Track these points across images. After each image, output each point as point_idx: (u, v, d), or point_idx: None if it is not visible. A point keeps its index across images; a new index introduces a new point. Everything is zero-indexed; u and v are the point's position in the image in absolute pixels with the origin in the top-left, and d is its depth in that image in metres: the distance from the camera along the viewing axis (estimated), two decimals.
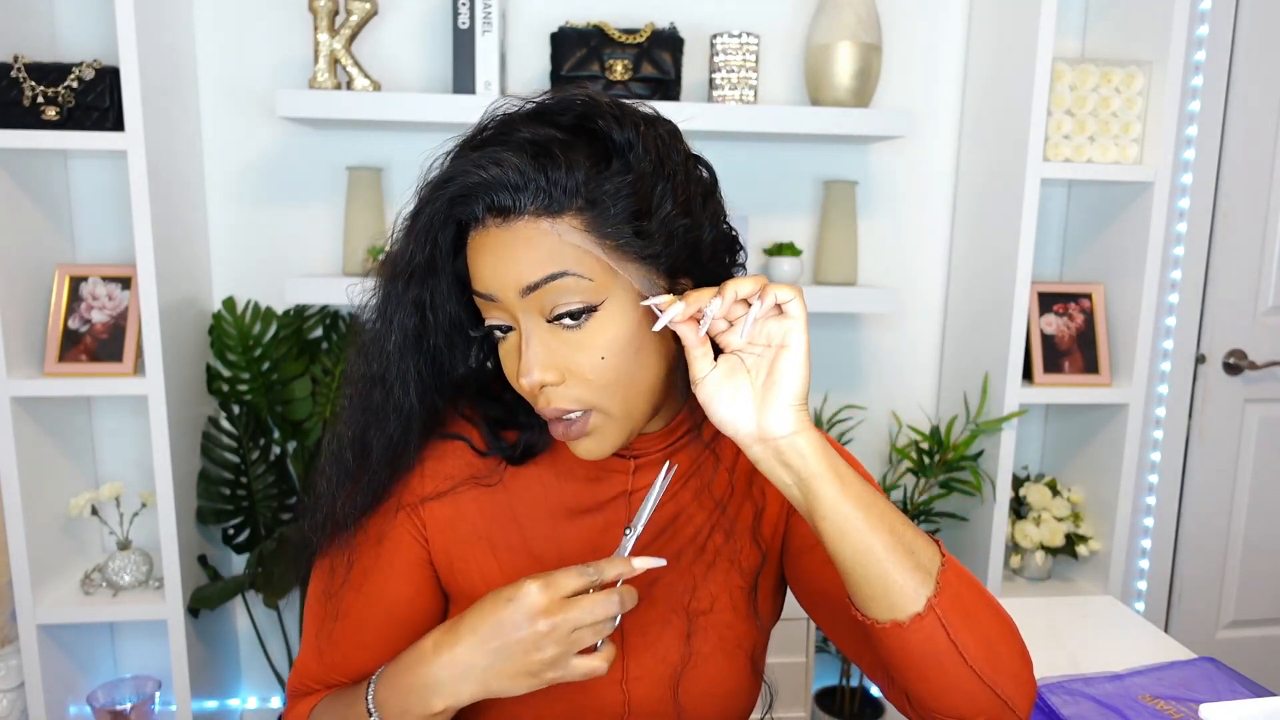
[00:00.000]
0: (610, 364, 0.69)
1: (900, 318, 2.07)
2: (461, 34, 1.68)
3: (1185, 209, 2.05)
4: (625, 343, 0.69)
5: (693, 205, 0.71)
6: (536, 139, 0.67)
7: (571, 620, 0.66)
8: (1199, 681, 1.06)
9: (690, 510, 0.83)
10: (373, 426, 0.77)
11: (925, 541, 0.67)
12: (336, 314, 1.87)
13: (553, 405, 0.70)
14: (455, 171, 0.69)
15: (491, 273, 0.68)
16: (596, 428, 0.72)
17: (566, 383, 0.70)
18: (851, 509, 0.65)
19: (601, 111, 0.69)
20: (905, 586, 0.65)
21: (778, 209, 1.98)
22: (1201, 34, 1.98)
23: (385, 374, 0.75)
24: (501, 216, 0.68)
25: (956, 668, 0.66)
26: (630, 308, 0.69)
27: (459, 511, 0.81)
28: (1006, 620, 0.70)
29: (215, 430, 1.82)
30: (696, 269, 0.72)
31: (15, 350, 1.60)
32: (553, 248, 0.67)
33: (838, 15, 1.76)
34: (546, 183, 0.66)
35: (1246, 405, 2.17)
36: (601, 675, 0.69)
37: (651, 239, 0.68)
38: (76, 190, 1.78)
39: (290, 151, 1.85)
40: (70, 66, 1.55)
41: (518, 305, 0.69)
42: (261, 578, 1.72)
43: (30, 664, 1.67)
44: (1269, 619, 2.28)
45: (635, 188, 0.68)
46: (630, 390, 0.71)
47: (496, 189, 0.67)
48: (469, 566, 0.81)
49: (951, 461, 1.87)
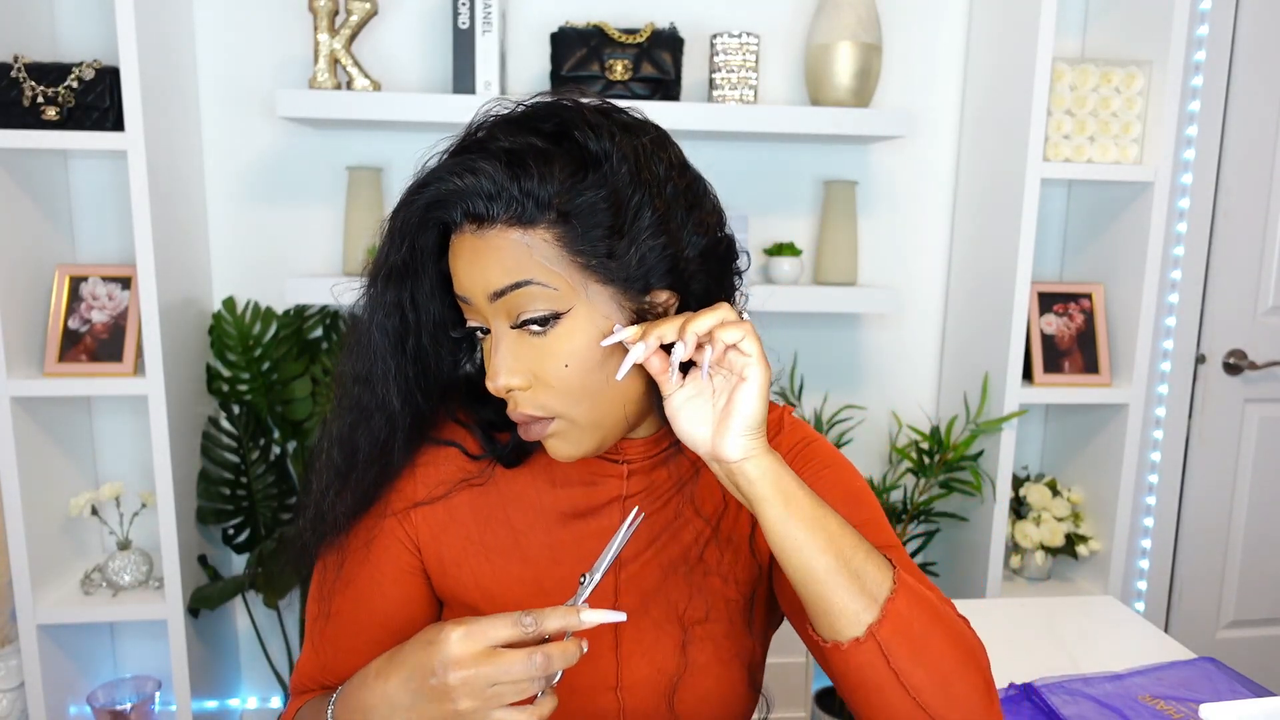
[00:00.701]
0: (574, 373, 0.69)
1: (900, 318, 2.07)
2: (461, 34, 1.68)
3: (1185, 209, 2.05)
4: (589, 353, 0.69)
5: (671, 219, 0.70)
6: (513, 148, 0.68)
7: (486, 675, 0.61)
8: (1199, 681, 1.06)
9: (685, 518, 0.83)
10: (360, 426, 0.77)
11: (877, 567, 0.67)
12: (336, 314, 1.87)
13: (519, 410, 0.71)
14: (432, 177, 0.69)
15: (466, 276, 0.70)
16: (560, 432, 0.72)
17: (533, 389, 0.70)
18: (796, 530, 0.65)
19: (581, 121, 0.69)
20: (846, 610, 0.65)
21: (778, 209, 1.98)
22: (1201, 34, 1.98)
23: (369, 374, 0.75)
24: (476, 223, 0.68)
25: (898, 696, 0.66)
26: (596, 321, 0.69)
27: (452, 515, 0.81)
28: (969, 652, 0.69)
29: (215, 430, 1.82)
30: (679, 283, 0.72)
31: (15, 350, 1.60)
32: (521, 257, 0.67)
33: (838, 15, 1.76)
34: (520, 193, 0.66)
35: (1246, 405, 2.17)
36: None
37: (624, 260, 0.68)
38: (76, 190, 1.78)
39: (290, 151, 1.85)
40: (70, 66, 1.55)
41: (488, 310, 0.70)
42: (261, 578, 1.72)
43: (30, 664, 1.67)
44: (1269, 619, 2.28)
45: (610, 201, 0.67)
46: (596, 400, 0.71)
47: (471, 197, 0.67)
48: (462, 571, 0.81)
49: (951, 461, 1.87)
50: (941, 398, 2.10)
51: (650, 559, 0.81)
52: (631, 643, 0.80)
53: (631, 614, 0.80)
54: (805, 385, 2.04)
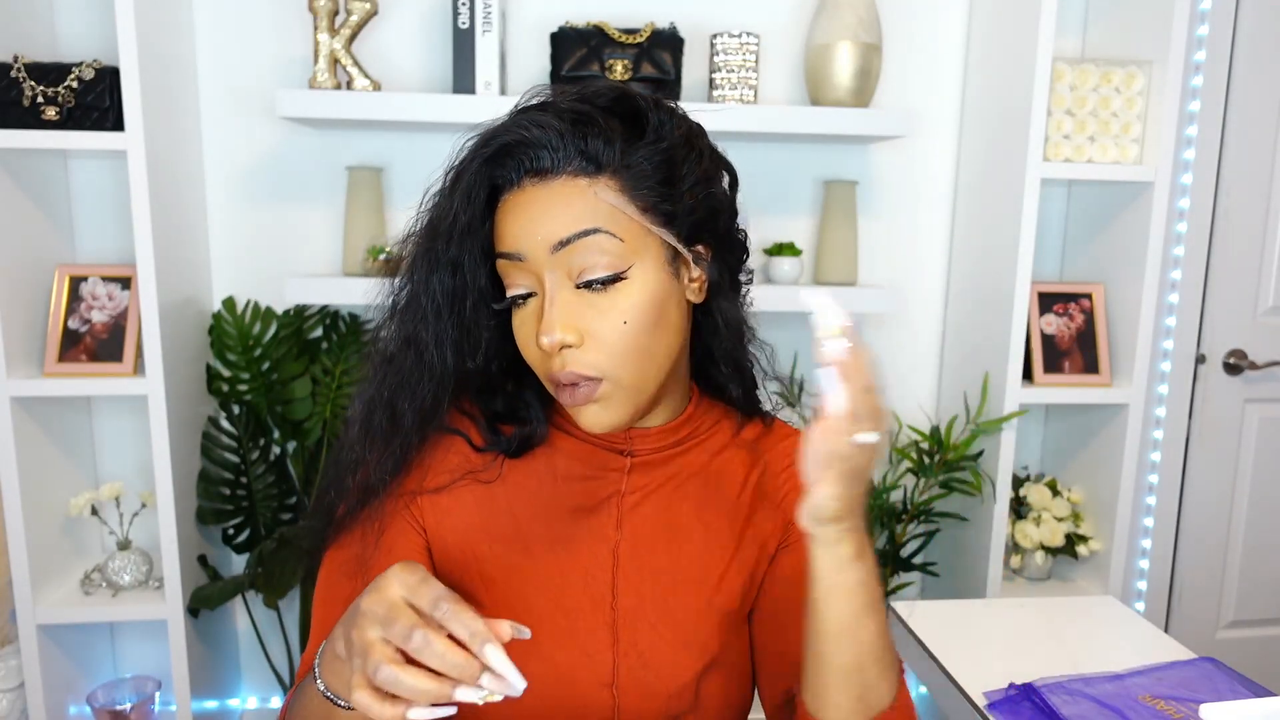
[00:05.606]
0: (631, 330, 0.71)
1: (900, 318, 2.07)
2: (461, 34, 1.68)
3: (1185, 209, 2.05)
4: (647, 311, 0.71)
5: (715, 181, 0.76)
6: (576, 108, 0.71)
7: (377, 616, 0.56)
8: (1199, 681, 1.06)
9: (693, 530, 0.83)
10: (403, 390, 0.77)
11: (887, 680, 0.70)
12: (336, 314, 1.87)
13: (568, 369, 0.71)
14: (497, 132, 0.72)
15: (523, 230, 0.71)
16: (605, 396, 0.73)
17: (585, 345, 0.71)
18: (830, 624, 0.68)
19: (637, 95, 0.74)
20: (840, 707, 0.69)
21: (778, 209, 1.98)
22: (1201, 34, 1.98)
23: (419, 335, 0.75)
24: (539, 176, 0.71)
25: None
26: (656, 277, 0.72)
27: (456, 501, 0.82)
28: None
29: (215, 430, 1.82)
30: (714, 237, 0.77)
31: (15, 350, 1.60)
32: (588, 205, 0.70)
33: (838, 15, 1.75)
34: (585, 146, 0.70)
35: (1246, 405, 2.17)
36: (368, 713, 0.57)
37: (680, 204, 0.73)
38: (76, 190, 1.78)
39: (290, 151, 1.85)
40: (70, 66, 1.55)
41: (545, 264, 0.71)
42: (261, 578, 1.72)
43: (30, 664, 1.67)
44: (1269, 619, 2.28)
45: (666, 155, 0.72)
46: (645, 360, 0.73)
47: (537, 148, 0.70)
48: (465, 556, 0.81)
49: (951, 461, 1.87)
50: (941, 398, 2.10)
51: (650, 564, 0.81)
52: (627, 642, 0.80)
53: (628, 615, 0.80)
54: (805, 385, 2.03)
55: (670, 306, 0.74)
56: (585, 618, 0.80)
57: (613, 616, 0.80)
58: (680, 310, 0.75)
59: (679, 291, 0.75)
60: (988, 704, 1.03)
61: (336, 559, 0.81)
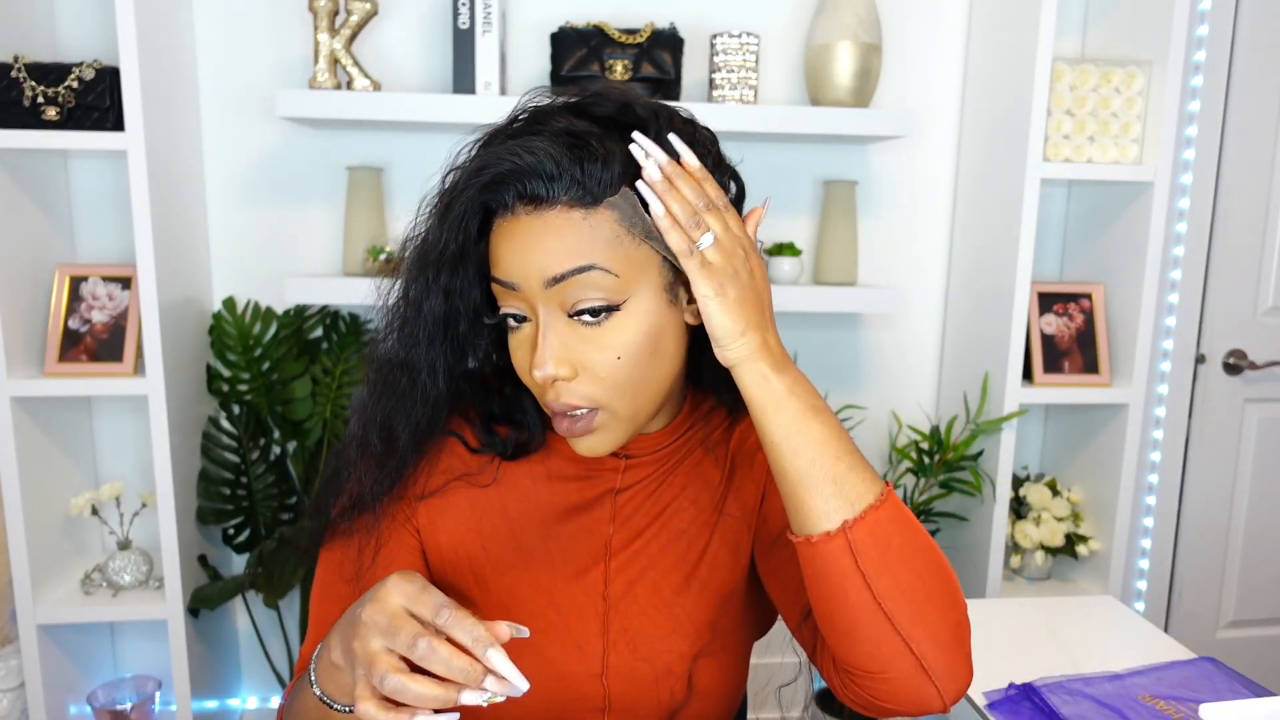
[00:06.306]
0: (625, 364, 0.69)
1: (900, 318, 2.07)
2: (461, 34, 1.68)
3: (1185, 209, 2.05)
4: (642, 344, 0.70)
5: None
6: (573, 130, 0.68)
7: (380, 626, 0.58)
8: (1199, 681, 1.06)
9: (680, 508, 0.83)
10: (398, 412, 0.76)
11: (863, 480, 0.65)
12: (336, 314, 1.87)
13: (561, 400, 0.70)
14: (489, 160, 0.68)
15: (517, 261, 0.68)
16: (601, 425, 0.72)
17: (579, 379, 0.70)
18: (774, 432, 0.66)
19: (640, 105, 0.70)
20: (814, 510, 0.65)
21: (778, 209, 1.98)
22: (1201, 34, 1.98)
23: (412, 360, 0.75)
24: (533, 205, 0.68)
25: (861, 598, 0.64)
26: (652, 307, 0.70)
27: (450, 502, 0.82)
28: (949, 591, 0.67)
29: (215, 430, 1.82)
30: None
31: (15, 350, 1.60)
32: (583, 239, 0.67)
33: (838, 15, 1.76)
34: (582, 174, 0.67)
35: (1246, 405, 2.17)
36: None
37: None
38: (76, 190, 1.78)
39: (290, 151, 1.85)
40: (70, 66, 1.55)
41: (539, 296, 0.69)
42: (261, 578, 1.72)
43: (30, 664, 1.67)
44: (1269, 619, 2.28)
45: None
46: (640, 391, 0.71)
47: (530, 177, 0.67)
48: (458, 557, 0.81)
49: (951, 461, 1.87)
50: (941, 398, 2.10)
51: (640, 549, 0.82)
52: (618, 632, 0.80)
53: (619, 603, 0.80)
54: None
55: (667, 335, 0.71)
56: (577, 611, 0.80)
57: (604, 607, 0.80)
58: (677, 337, 0.73)
59: (677, 317, 0.72)
60: (987, 704, 1.03)
61: (333, 558, 0.82)
